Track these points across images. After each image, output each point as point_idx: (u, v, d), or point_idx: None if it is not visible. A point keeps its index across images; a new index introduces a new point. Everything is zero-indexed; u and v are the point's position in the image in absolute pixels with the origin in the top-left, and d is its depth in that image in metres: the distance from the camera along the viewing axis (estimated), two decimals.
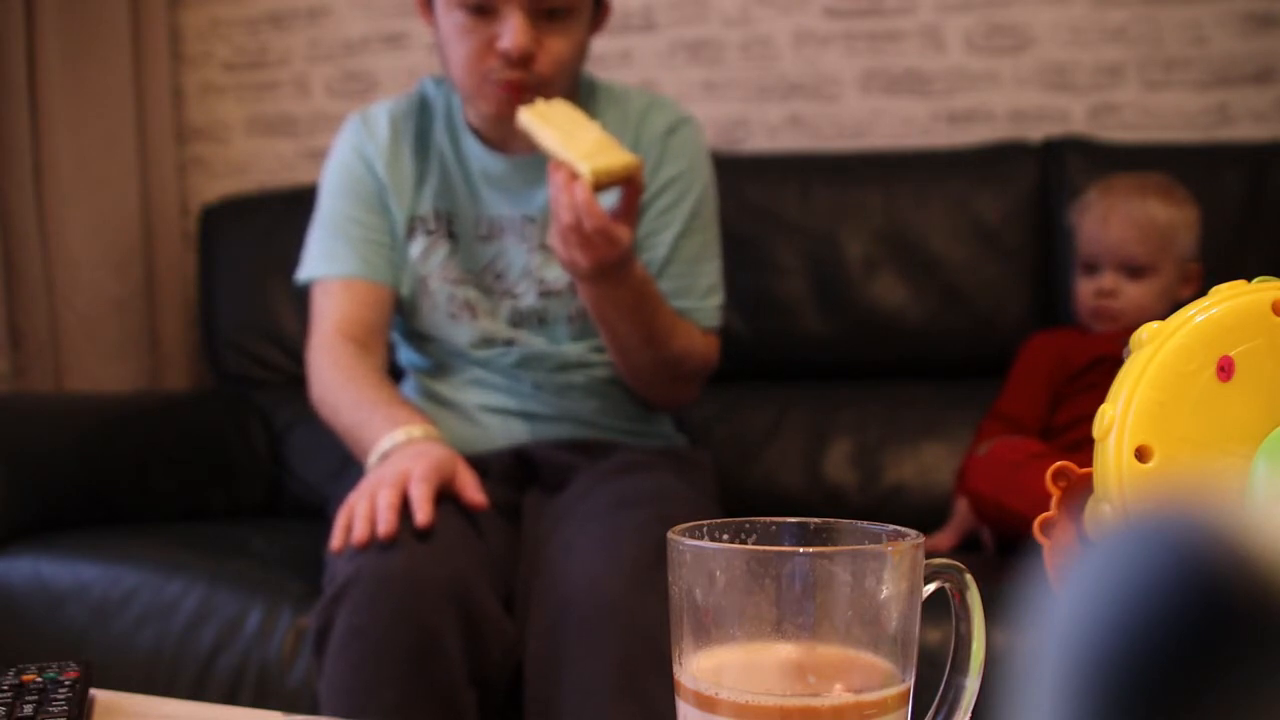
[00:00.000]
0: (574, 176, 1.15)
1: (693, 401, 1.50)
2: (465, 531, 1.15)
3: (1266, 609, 0.17)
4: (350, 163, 1.41)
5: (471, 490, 1.17)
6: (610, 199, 1.20)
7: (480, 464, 1.28)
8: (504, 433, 1.39)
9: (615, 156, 1.17)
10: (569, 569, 1.10)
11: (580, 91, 1.41)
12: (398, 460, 1.16)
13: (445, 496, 1.16)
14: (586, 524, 1.15)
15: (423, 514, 1.09)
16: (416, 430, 1.22)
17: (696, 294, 1.40)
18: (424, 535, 1.09)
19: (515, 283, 1.40)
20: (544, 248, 1.38)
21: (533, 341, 1.40)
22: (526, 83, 1.27)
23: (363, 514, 1.10)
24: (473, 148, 1.40)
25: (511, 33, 1.24)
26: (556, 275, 1.38)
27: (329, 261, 1.39)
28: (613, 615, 1.05)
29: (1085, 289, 1.59)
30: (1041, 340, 1.64)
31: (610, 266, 1.19)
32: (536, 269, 1.39)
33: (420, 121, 1.43)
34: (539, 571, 1.15)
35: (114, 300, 2.16)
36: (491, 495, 1.20)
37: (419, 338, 1.44)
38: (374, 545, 1.08)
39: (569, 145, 1.17)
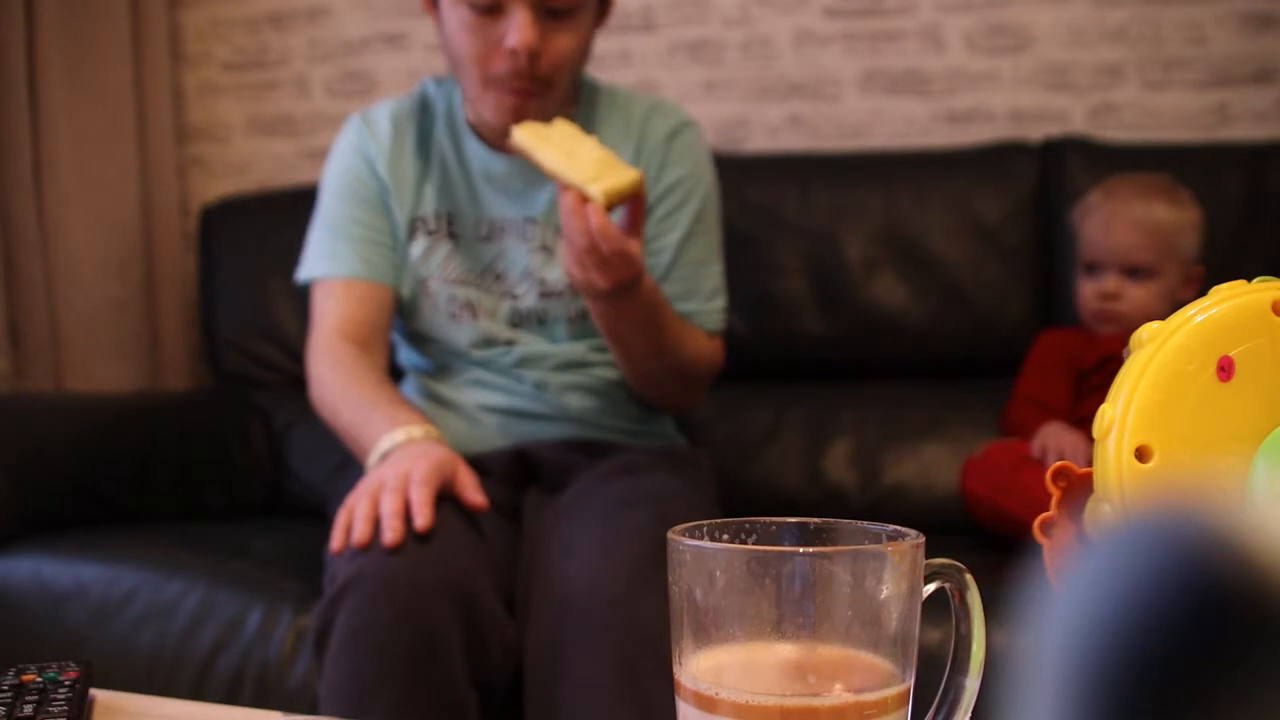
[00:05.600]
0: (584, 199, 1.15)
1: (698, 404, 1.50)
2: (466, 532, 1.15)
3: (1266, 609, 0.17)
4: (351, 163, 1.41)
5: (472, 491, 1.17)
6: (619, 216, 1.21)
7: (480, 464, 1.28)
8: (504, 433, 1.39)
9: (621, 175, 1.17)
10: (569, 569, 1.10)
11: (581, 94, 1.41)
12: (398, 461, 1.16)
13: (445, 497, 1.15)
14: (586, 524, 1.15)
15: (422, 518, 1.09)
16: (416, 430, 1.22)
17: (700, 297, 1.40)
18: (425, 536, 1.09)
19: (516, 283, 1.40)
20: (544, 249, 1.38)
21: (533, 341, 1.40)
22: (532, 87, 1.27)
23: (363, 514, 1.10)
24: (474, 148, 1.40)
25: (518, 29, 1.24)
26: (557, 276, 1.37)
27: (330, 261, 1.39)
28: (613, 615, 1.05)
29: (1088, 291, 1.59)
30: (1054, 336, 1.66)
31: (628, 284, 1.19)
32: (537, 270, 1.39)
33: (421, 122, 1.43)
34: (539, 572, 1.15)
35: (114, 300, 2.16)
36: (491, 495, 1.20)
37: (419, 339, 1.44)
38: (375, 546, 1.08)
39: (572, 167, 1.16)
